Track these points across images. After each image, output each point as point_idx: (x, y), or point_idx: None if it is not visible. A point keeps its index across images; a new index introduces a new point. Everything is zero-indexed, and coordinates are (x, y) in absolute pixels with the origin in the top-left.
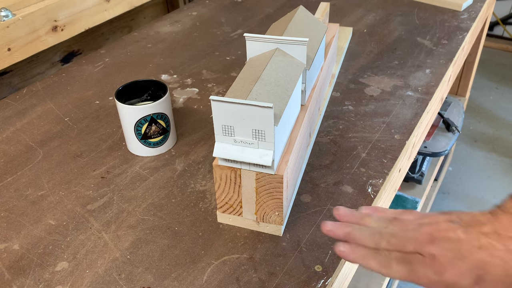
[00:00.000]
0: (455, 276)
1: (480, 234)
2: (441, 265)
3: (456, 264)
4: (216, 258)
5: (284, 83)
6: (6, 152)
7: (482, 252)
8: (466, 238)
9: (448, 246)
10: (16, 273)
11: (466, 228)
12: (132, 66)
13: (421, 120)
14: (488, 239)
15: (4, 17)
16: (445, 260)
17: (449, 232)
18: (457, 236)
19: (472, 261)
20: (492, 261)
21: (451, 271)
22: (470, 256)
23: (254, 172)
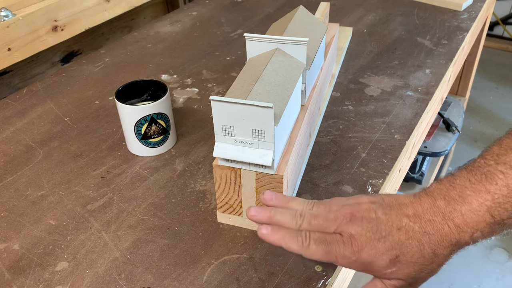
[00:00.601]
0: (372, 255)
1: (400, 216)
2: (359, 244)
3: (374, 244)
4: (216, 258)
5: (284, 83)
6: (6, 152)
7: (400, 233)
8: (385, 219)
9: (367, 226)
10: (16, 273)
11: (387, 209)
12: (132, 66)
13: (421, 120)
14: (408, 221)
15: (4, 17)
16: (363, 239)
17: (370, 212)
18: (377, 217)
19: (390, 241)
20: (409, 243)
21: (368, 251)
22: (388, 236)
23: (254, 172)
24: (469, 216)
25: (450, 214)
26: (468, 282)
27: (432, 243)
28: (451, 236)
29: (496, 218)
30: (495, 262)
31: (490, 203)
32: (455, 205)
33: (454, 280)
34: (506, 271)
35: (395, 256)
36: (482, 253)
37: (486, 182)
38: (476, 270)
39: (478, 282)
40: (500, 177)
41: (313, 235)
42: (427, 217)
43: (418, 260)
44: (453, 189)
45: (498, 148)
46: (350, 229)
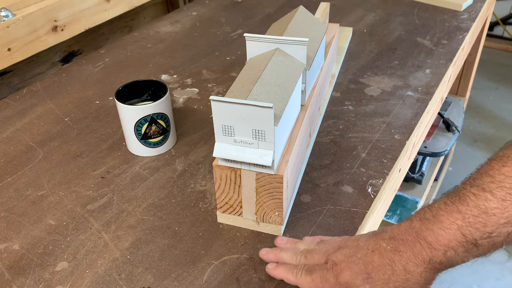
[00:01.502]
0: (348, 276)
1: (377, 240)
2: (338, 269)
3: (350, 266)
4: (216, 258)
5: (284, 83)
6: (6, 152)
7: (373, 254)
8: (364, 244)
9: (347, 253)
10: (16, 273)
11: (369, 237)
12: (132, 66)
13: (421, 120)
14: (382, 243)
15: (4, 17)
16: (343, 264)
17: (354, 242)
18: (357, 244)
19: (363, 262)
20: (380, 261)
21: (345, 273)
22: (362, 258)
23: (254, 172)
24: (440, 233)
25: (422, 233)
26: (468, 282)
27: (403, 260)
28: (423, 253)
29: (468, 237)
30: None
31: (461, 222)
32: (428, 224)
33: (454, 280)
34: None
35: (367, 275)
36: None
37: (458, 203)
38: (476, 270)
39: (478, 282)
40: (471, 198)
41: (306, 267)
42: (401, 237)
43: (390, 277)
44: (430, 211)
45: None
46: (333, 257)
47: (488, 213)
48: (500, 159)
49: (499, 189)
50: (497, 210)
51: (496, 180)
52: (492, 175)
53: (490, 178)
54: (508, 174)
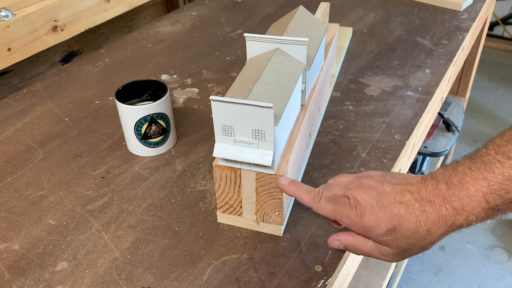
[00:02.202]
0: (373, 221)
1: (404, 191)
2: (362, 209)
3: (375, 211)
4: (216, 258)
5: (284, 83)
6: (6, 152)
7: (401, 206)
8: (390, 191)
9: (372, 194)
10: (16, 273)
11: (393, 185)
12: (132, 66)
13: (421, 120)
14: (410, 197)
15: (4, 17)
16: (367, 205)
17: (377, 184)
18: (382, 188)
19: (390, 212)
20: (407, 217)
21: (369, 216)
22: (389, 207)
23: (254, 172)
24: (466, 201)
25: (449, 198)
26: (468, 282)
27: (429, 222)
28: (448, 218)
29: (491, 204)
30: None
31: (486, 189)
32: (455, 190)
33: (454, 280)
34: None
35: (393, 227)
36: (482, 253)
37: (484, 170)
38: (476, 270)
39: (478, 282)
40: (497, 166)
41: (325, 193)
42: (428, 198)
43: (412, 234)
44: (455, 175)
45: (499, 139)
46: (356, 194)
47: (511, 180)
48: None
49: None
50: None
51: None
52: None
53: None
54: None
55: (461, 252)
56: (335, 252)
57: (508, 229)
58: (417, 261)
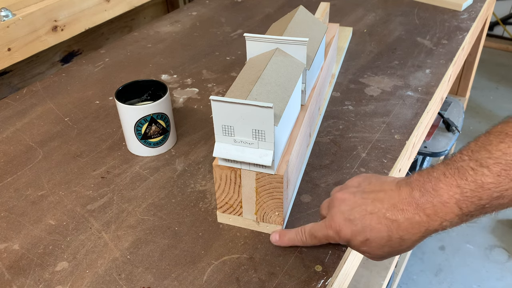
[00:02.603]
0: (348, 235)
1: (375, 201)
2: (337, 225)
3: (348, 226)
4: (216, 258)
5: (284, 83)
6: (6, 152)
7: (371, 217)
8: (361, 202)
9: (344, 210)
10: (16, 273)
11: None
12: (132, 66)
13: (421, 120)
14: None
15: (4, 17)
16: (340, 220)
17: (350, 195)
18: (354, 200)
19: (361, 224)
20: (378, 227)
21: (344, 231)
22: (360, 219)
23: (254, 172)
24: (439, 207)
25: (422, 205)
26: (468, 282)
27: (401, 230)
28: (421, 224)
29: (464, 210)
30: (495, 262)
31: (459, 196)
32: (428, 197)
33: (454, 280)
34: (506, 271)
35: (366, 238)
36: (482, 253)
37: (457, 176)
38: (476, 270)
39: (478, 282)
40: (470, 173)
41: (306, 228)
42: (400, 207)
43: (386, 243)
44: (429, 181)
45: (474, 145)
46: (332, 212)
47: (483, 188)
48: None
49: (495, 165)
50: (492, 185)
51: (494, 156)
52: (490, 150)
53: (488, 153)
54: (505, 151)
55: (461, 252)
56: (335, 252)
57: (508, 229)
58: (417, 261)
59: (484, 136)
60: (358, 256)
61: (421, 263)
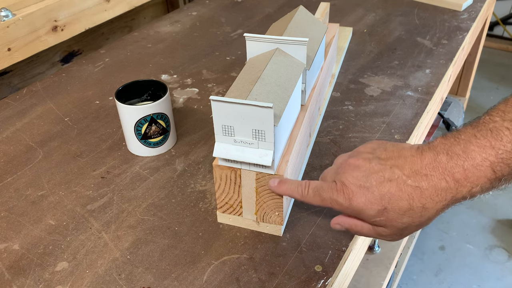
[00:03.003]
0: (362, 204)
1: (394, 167)
2: (349, 192)
3: (363, 192)
4: (216, 258)
5: (284, 83)
6: (6, 152)
7: (390, 184)
8: (378, 169)
9: (358, 175)
10: (16, 273)
11: (383, 161)
12: (132, 66)
13: (421, 120)
14: (401, 174)
15: (4, 17)
16: (353, 188)
17: (365, 162)
18: (370, 166)
19: (379, 192)
20: (398, 195)
21: (358, 199)
22: (378, 186)
23: (254, 172)
24: (471, 171)
25: (451, 169)
26: (468, 282)
27: (423, 198)
28: (448, 191)
29: (498, 173)
30: (495, 262)
31: (494, 158)
32: (458, 160)
33: (454, 280)
34: (506, 271)
35: (383, 207)
36: (482, 253)
37: (491, 137)
38: (476, 270)
39: (478, 282)
40: (505, 133)
41: (312, 184)
42: (424, 172)
43: (406, 212)
44: (457, 144)
45: (504, 106)
46: (343, 177)
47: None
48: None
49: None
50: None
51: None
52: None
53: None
54: None
55: (461, 252)
56: (335, 252)
57: (508, 229)
58: (417, 261)
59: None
60: (358, 256)
61: (421, 263)
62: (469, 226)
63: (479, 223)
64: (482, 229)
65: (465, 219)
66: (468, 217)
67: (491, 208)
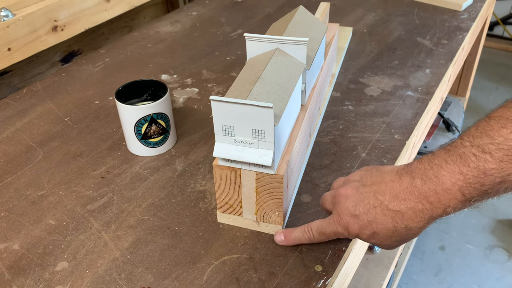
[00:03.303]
0: (356, 230)
1: (377, 193)
2: (345, 221)
3: (355, 221)
4: (216, 258)
5: (284, 83)
6: (6, 152)
7: (375, 211)
8: (364, 196)
9: (349, 205)
10: (16, 273)
11: (368, 187)
12: (132, 66)
13: (421, 120)
14: (383, 199)
15: (4, 17)
16: (346, 217)
17: (353, 190)
18: (358, 195)
19: (367, 218)
20: (383, 219)
21: (352, 227)
22: (365, 214)
23: (254, 172)
24: (442, 194)
25: (425, 193)
26: (468, 282)
27: (405, 220)
28: (425, 212)
29: (467, 196)
30: (495, 262)
31: (462, 182)
32: (431, 184)
33: (454, 280)
34: (506, 271)
35: (373, 232)
36: (482, 253)
37: (460, 163)
38: (476, 270)
39: (478, 282)
40: (472, 159)
41: (313, 226)
42: (402, 197)
43: (393, 234)
44: (430, 168)
45: (474, 130)
46: (337, 209)
47: (486, 174)
48: (499, 120)
49: (497, 151)
50: (495, 171)
51: (495, 142)
52: (491, 136)
53: (489, 139)
54: (506, 136)
55: (461, 252)
56: (335, 252)
57: (508, 229)
58: (417, 261)
59: (485, 121)
60: (358, 256)
61: (421, 263)
62: (469, 226)
63: (479, 223)
64: (482, 229)
65: (465, 219)
66: (468, 217)
67: (491, 208)
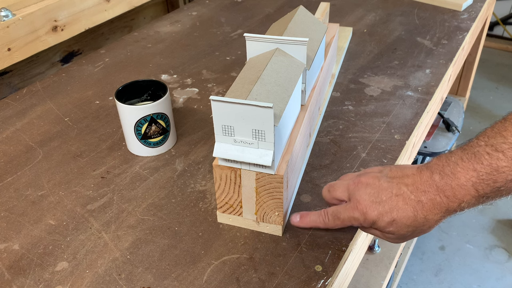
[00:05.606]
0: (375, 216)
1: (400, 184)
2: (363, 207)
3: (375, 207)
4: (216, 258)
5: (284, 83)
6: (6, 152)
7: (398, 199)
8: (386, 186)
9: (370, 192)
10: (16, 273)
11: (390, 179)
12: (132, 66)
13: (421, 120)
14: (406, 190)
15: (4, 17)
16: (366, 203)
17: (374, 180)
18: (379, 184)
19: (388, 205)
20: (405, 208)
21: (371, 213)
22: (387, 201)
23: (254, 172)
24: (457, 190)
25: (442, 187)
26: (468, 282)
27: (425, 210)
28: (442, 205)
29: (480, 192)
30: (495, 262)
31: (476, 179)
32: (447, 179)
33: (454, 280)
34: (506, 271)
35: (393, 219)
36: (482, 253)
37: (474, 161)
38: (476, 270)
39: (478, 282)
40: (486, 157)
41: (329, 211)
42: (423, 188)
43: (412, 223)
44: (448, 165)
45: (490, 131)
46: (356, 195)
47: (498, 171)
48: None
49: (510, 150)
50: (507, 168)
51: (508, 141)
52: (505, 136)
53: (503, 139)
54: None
55: (461, 252)
56: (335, 252)
57: (508, 229)
58: (417, 261)
59: (500, 122)
60: (358, 256)
61: (421, 263)
62: (469, 226)
63: (479, 223)
64: (482, 229)
65: (465, 219)
66: (468, 217)
67: (491, 208)
